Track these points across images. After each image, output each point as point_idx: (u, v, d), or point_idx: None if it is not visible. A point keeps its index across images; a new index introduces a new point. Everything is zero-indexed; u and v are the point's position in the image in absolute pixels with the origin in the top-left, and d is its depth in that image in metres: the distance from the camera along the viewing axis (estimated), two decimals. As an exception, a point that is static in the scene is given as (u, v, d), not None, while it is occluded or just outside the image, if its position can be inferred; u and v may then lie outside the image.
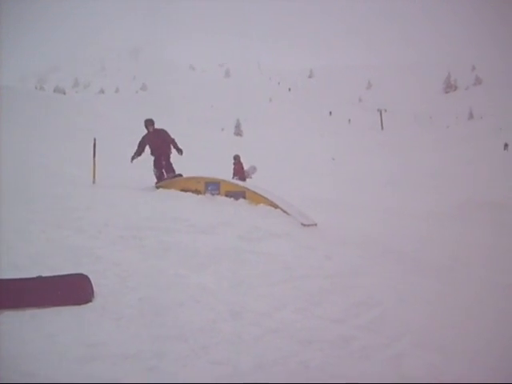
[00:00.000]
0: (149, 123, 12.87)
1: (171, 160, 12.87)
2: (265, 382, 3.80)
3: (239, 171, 17.72)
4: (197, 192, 10.76)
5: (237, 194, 10.35)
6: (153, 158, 12.87)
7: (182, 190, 10.95)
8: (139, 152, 12.79)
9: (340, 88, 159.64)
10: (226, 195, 10.48)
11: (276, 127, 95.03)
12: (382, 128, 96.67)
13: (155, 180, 12.66)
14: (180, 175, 12.39)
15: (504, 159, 45.08)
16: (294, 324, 4.85)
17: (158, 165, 12.83)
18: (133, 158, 12.72)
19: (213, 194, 10.63)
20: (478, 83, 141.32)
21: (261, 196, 10.12)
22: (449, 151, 55.62)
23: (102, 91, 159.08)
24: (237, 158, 18.15)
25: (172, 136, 12.81)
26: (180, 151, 12.56)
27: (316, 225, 9.52)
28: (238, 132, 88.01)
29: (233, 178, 16.28)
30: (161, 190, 11.36)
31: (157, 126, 12.79)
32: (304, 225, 9.14)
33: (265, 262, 6.60)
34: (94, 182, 12.19)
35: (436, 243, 10.90)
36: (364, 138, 77.27)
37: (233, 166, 17.98)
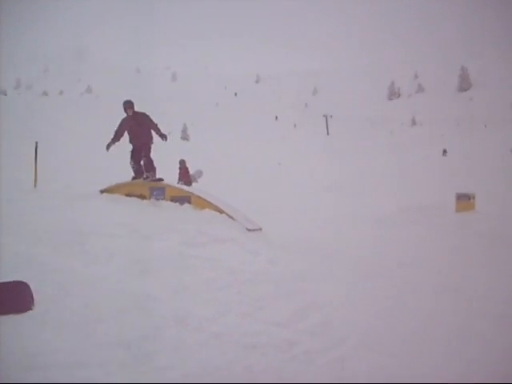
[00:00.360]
0: (127, 105, 11.35)
1: (152, 155, 11.39)
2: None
3: (185, 176, 17.61)
4: (141, 197, 10.64)
5: (182, 199, 10.29)
6: (131, 148, 11.41)
7: (127, 195, 10.80)
8: (117, 138, 11.37)
9: (286, 93, 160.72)
10: (171, 200, 10.39)
11: (222, 131, 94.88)
12: (328, 133, 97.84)
13: (132, 174, 11.45)
14: (161, 179, 11.21)
15: (443, 165, 46.52)
16: (238, 329, 4.88)
17: (135, 157, 11.34)
18: (108, 146, 11.35)
19: (158, 199, 10.53)
20: (420, 91, 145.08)
21: (206, 201, 10.09)
22: (392, 157, 56.76)
23: (45, 93, 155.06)
24: (182, 163, 18.04)
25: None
26: (164, 137, 11.23)
27: (261, 229, 9.57)
28: (185, 136, 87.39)
29: (178, 182, 16.17)
30: (105, 194, 11.17)
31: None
32: (249, 230, 9.17)
33: (209, 267, 6.60)
34: (35, 187, 11.89)
35: (379, 247, 11.11)
36: (310, 143, 77.99)
37: (178, 171, 17.86)
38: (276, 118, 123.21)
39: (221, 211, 9.68)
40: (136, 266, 6.22)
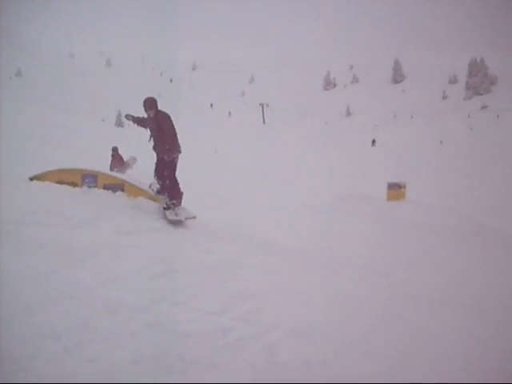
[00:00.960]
0: (148, 104, 8.94)
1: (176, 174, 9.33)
2: (141, 377, 3.81)
3: (119, 163, 17.25)
4: (73, 184, 10.38)
5: (115, 187, 10.11)
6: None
7: (58, 183, 10.51)
8: (136, 122, 9.39)
9: (223, 81, 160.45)
10: (104, 188, 10.20)
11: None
12: (264, 122, 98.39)
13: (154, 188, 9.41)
14: (194, 217, 9.25)
15: (375, 154, 47.76)
16: (171, 317, 4.87)
17: (158, 171, 9.26)
18: (128, 117, 9.52)
19: (90, 187, 10.31)
20: (355, 82, 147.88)
21: (140, 189, 9.98)
22: (326, 146, 57.82)
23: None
24: (115, 150, 17.67)
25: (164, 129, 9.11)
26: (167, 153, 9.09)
27: (195, 218, 9.54)
28: (119, 123, 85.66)
29: (111, 170, 15.85)
30: (35, 181, 10.86)
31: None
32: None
33: (143, 255, 6.54)
34: (-41, 174, 11.42)
35: (311, 235, 11.31)
36: (246, 132, 78.30)
37: (111, 158, 17.45)
38: (211, 105, 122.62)
39: (155, 199, 9.60)
40: (67, 256, 6.09)
